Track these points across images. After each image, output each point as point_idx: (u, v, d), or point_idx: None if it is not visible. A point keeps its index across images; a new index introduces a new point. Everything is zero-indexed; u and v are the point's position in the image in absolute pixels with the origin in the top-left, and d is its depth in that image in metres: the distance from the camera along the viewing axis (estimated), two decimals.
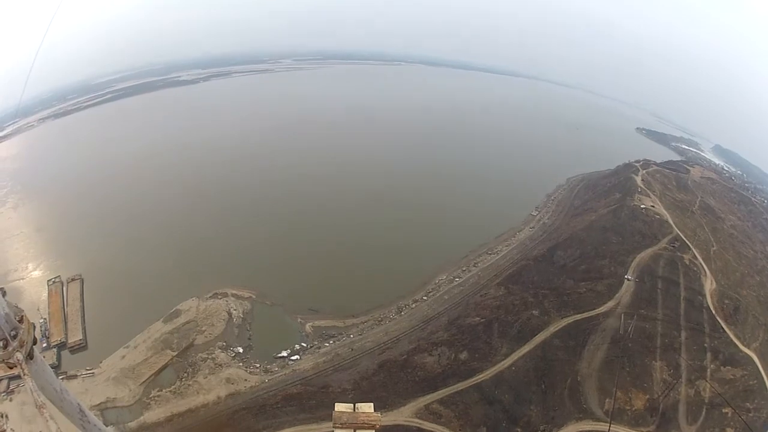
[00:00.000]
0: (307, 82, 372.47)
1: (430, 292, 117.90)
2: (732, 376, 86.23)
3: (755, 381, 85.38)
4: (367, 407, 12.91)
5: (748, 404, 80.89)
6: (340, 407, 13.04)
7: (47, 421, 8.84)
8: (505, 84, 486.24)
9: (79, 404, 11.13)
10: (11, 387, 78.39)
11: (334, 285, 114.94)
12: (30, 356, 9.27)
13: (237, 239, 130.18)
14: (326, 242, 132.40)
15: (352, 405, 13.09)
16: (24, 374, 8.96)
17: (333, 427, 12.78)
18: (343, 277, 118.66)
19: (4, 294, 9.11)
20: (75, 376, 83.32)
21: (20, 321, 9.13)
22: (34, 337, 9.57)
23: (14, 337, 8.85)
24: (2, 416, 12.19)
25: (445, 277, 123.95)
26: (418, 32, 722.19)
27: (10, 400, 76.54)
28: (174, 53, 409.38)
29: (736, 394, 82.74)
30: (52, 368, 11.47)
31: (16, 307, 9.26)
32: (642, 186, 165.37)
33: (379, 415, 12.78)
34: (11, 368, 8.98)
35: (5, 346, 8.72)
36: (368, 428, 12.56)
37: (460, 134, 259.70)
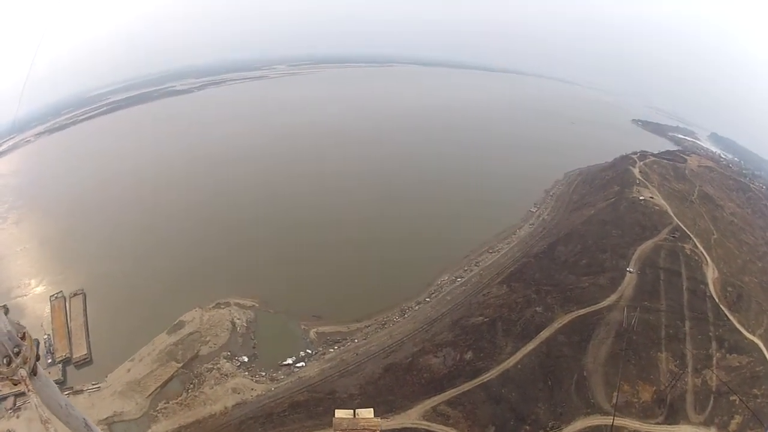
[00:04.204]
0: (303, 88, 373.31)
1: (432, 293, 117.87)
2: (738, 364, 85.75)
3: (761, 367, 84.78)
4: (366, 413, 12.95)
5: (755, 390, 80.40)
6: (340, 414, 13.08)
7: None
8: (496, 81, 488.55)
9: (84, 419, 11.23)
10: (18, 404, 78.45)
11: (336, 290, 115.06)
12: (34, 372, 9.39)
13: (238, 248, 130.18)
14: (326, 247, 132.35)
15: (352, 411, 13.15)
16: (28, 390, 9.07)
17: None
18: (345, 282, 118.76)
19: (6, 311, 9.20)
20: (81, 391, 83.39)
21: (23, 338, 9.26)
22: (38, 354, 9.68)
23: (17, 354, 8.98)
24: None
25: (447, 277, 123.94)
26: (411, 33, 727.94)
27: (17, 416, 76.64)
28: (168, 63, 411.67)
29: (743, 381, 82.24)
30: (57, 384, 11.56)
31: (18, 324, 9.39)
32: (640, 177, 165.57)
33: (379, 420, 12.82)
34: (15, 385, 9.10)
35: (8, 363, 8.84)
36: None
37: (454, 134, 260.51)
